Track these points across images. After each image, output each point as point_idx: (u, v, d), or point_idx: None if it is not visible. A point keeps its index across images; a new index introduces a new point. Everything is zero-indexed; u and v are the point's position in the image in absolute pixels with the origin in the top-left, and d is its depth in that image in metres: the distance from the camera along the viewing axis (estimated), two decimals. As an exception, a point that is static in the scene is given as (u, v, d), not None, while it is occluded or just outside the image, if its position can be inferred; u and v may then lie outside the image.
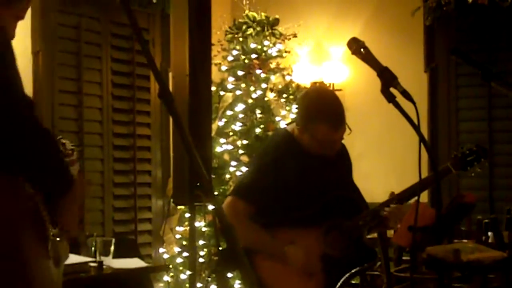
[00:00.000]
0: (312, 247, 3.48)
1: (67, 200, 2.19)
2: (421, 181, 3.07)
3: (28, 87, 5.80)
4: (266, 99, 6.19)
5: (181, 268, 5.93)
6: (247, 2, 6.58)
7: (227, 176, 5.98)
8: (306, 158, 3.56)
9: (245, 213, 3.52)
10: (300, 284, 3.48)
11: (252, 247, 3.51)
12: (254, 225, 3.52)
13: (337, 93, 7.09)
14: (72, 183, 2.20)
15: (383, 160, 7.14)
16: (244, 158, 5.98)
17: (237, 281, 5.67)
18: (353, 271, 3.54)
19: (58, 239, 2.20)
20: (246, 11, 6.47)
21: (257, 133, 6.05)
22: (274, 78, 6.27)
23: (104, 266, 4.40)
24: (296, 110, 3.70)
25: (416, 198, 2.71)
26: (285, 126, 3.88)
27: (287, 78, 6.40)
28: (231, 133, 6.11)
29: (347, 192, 3.66)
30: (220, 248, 2.14)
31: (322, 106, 3.51)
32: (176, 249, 5.99)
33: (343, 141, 3.69)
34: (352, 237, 3.55)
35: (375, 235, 5.23)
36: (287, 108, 6.24)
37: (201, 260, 5.76)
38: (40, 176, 2.10)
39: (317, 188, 3.55)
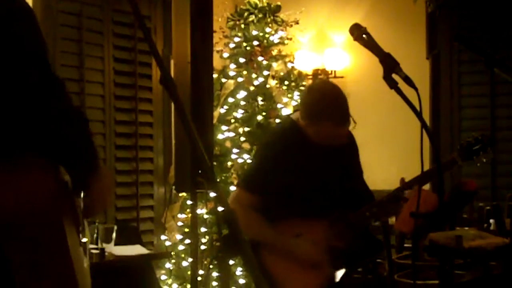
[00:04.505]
0: (318, 239, 3.48)
1: (96, 185, 2.12)
2: (426, 172, 3.05)
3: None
4: (267, 86, 6.18)
5: (183, 255, 5.93)
6: (249, -11, 6.57)
7: (229, 163, 5.98)
8: (312, 149, 3.54)
9: (250, 205, 3.51)
10: (305, 276, 3.48)
11: (258, 239, 3.51)
12: (260, 217, 3.52)
13: (338, 80, 7.10)
14: (98, 165, 2.12)
15: (385, 148, 7.13)
16: (246, 145, 5.98)
17: (239, 268, 5.68)
18: (358, 263, 3.54)
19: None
20: (248, -2, 6.45)
21: (258, 120, 6.04)
22: (275, 65, 6.25)
23: (106, 253, 4.42)
24: (300, 105, 3.66)
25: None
26: (291, 114, 3.85)
27: (289, 65, 6.39)
28: (232, 120, 6.10)
29: (353, 183, 3.65)
30: (222, 235, 2.14)
31: (326, 105, 3.46)
32: (178, 236, 6.00)
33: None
34: (358, 228, 3.54)
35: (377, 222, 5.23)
36: (289, 95, 6.23)
37: (203, 247, 5.76)
38: (71, 157, 2.03)
39: (322, 179, 3.54)
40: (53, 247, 1.98)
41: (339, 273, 3.53)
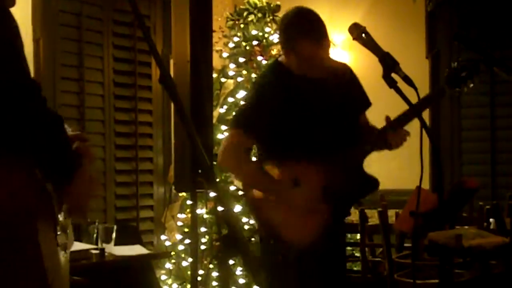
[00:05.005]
0: (315, 184, 3.45)
1: (74, 185, 2.10)
2: (414, 106, 3.05)
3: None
4: (267, 85, 6.18)
5: (183, 255, 5.94)
6: (248, -12, 6.56)
7: (229, 163, 5.98)
8: (298, 82, 3.50)
9: (246, 146, 3.51)
10: (303, 222, 3.45)
11: (255, 188, 3.51)
12: (256, 165, 3.53)
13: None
14: (78, 167, 2.11)
15: (384, 147, 7.12)
16: (246, 145, 5.97)
17: (239, 268, 5.68)
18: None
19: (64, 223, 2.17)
20: (247, -2, 6.45)
21: (258, 120, 6.03)
22: (275, 65, 6.25)
23: (106, 253, 4.41)
24: (279, 35, 3.65)
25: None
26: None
27: (289, 64, 6.38)
28: (232, 120, 6.10)
29: (348, 119, 3.64)
30: (222, 235, 2.14)
31: (300, 22, 3.45)
32: (178, 236, 6.00)
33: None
34: (353, 166, 3.53)
35: (377, 221, 5.23)
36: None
37: (202, 247, 5.76)
38: (48, 160, 2.04)
39: (313, 116, 3.49)
40: (27, 247, 1.99)
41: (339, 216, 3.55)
